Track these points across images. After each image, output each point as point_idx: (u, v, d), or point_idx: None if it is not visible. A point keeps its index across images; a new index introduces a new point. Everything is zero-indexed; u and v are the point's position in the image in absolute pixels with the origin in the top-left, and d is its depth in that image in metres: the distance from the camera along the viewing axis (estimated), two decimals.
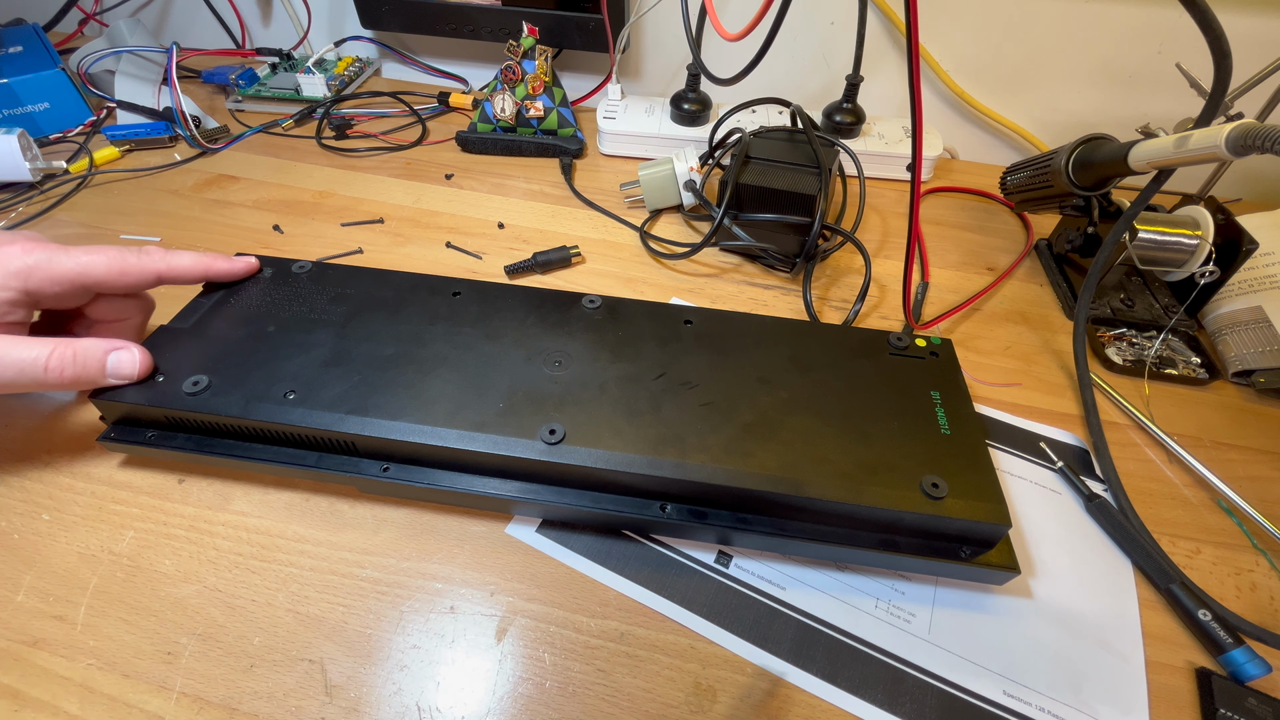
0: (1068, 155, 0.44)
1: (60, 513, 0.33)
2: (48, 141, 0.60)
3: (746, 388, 0.34)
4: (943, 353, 0.37)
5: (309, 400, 0.32)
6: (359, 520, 0.34)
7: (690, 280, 0.49)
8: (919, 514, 0.29)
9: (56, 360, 0.30)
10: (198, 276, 0.37)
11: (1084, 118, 0.62)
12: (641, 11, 0.63)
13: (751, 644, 0.30)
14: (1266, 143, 0.30)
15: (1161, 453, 0.39)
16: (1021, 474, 0.37)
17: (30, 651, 0.28)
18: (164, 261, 0.35)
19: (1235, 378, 0.43)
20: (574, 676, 0.28)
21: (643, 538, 0.33)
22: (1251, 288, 0.43)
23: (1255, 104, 0.47)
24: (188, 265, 0.36)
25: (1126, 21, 0.56)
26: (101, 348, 0.31)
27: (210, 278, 0.38)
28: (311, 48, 0.73)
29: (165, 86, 0.62)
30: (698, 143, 0.59)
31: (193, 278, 0.37)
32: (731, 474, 0.30)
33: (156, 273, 0.35)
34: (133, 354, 0.32)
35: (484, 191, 0.58)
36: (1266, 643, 0.30)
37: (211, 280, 0.38)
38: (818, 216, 0.45)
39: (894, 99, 0.65)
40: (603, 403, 0.33)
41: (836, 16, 0.61)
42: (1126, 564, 0.33)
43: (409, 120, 0.66)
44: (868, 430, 0.32)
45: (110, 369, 0.31)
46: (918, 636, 0.30)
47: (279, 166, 0.59)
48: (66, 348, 0.30)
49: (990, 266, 0.52)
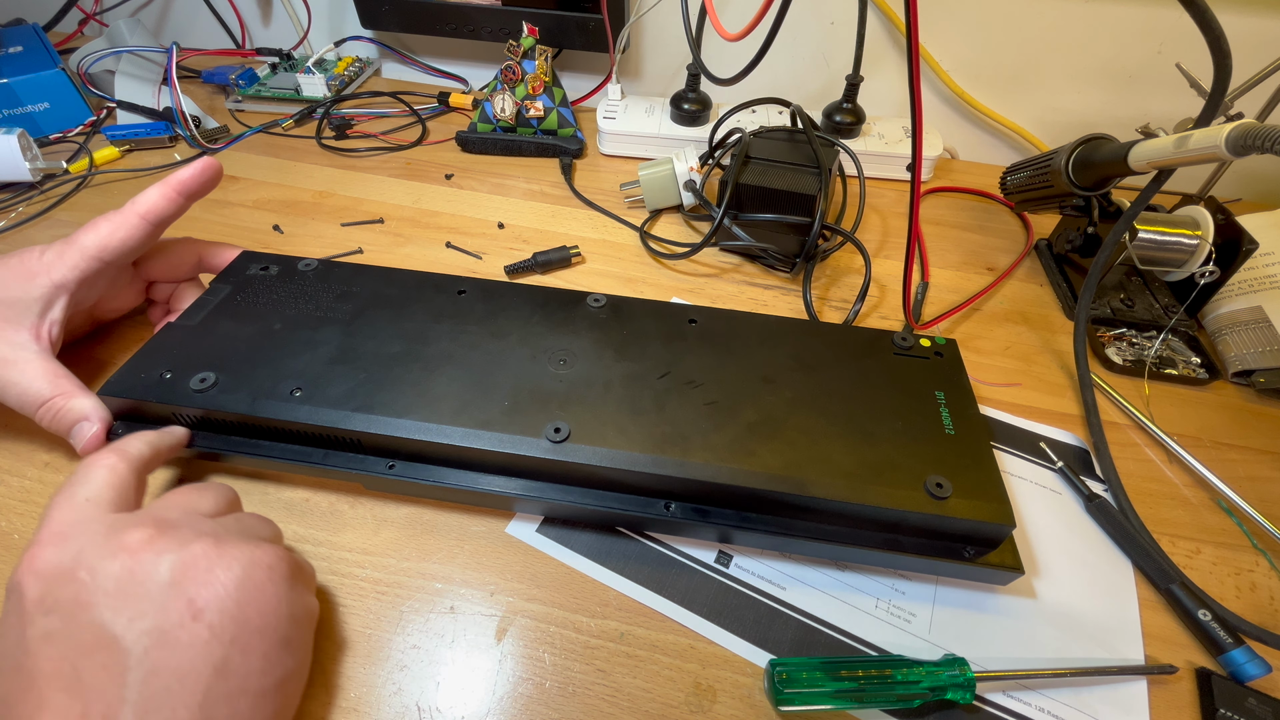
0: (1068, 155, 0.44)
1: None
2: (48, 141, 0.60)
3: (751, 387, 0.34)
4: (947, 353, 0.37)
5: (315, 397, 0.32)
6: (359, 520, 0.33)
7: (690, 280, 0.49)
8: (923, 514, 0.29)
9: (46, 411, 0.32)
10: (173, 201, 0.37)
11: (1084, 118, 0.62)
12: (641, 11, 0.63)
13: (751, 644, 0.30)
14: (1266, 143, 0.30)
15: (1161, 453, 0.39)
16: (1022, 474, 0.37)
17: None
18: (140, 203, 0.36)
19: (1235, 378, 0.43)
20: (574, 676, 0.28)
21: (643, 537, 0.33)
22: (1251, 288, 0.43)
23: (1255, 104, 0.47)
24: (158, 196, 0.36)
25: (1126, 21, 0.56)
26: (72, 419, 0.32)
27: (185, 194, 0.37)
28: (311, 48, 0.73)
29: (165, 86, 0.62)
30: (698, 143, 0.59)
31: (170, 203, 0.37)
32: (736, 473, 0.30)
33: (139, 216, 0.36)
34: (94, 432, 0.32)
35: (484, 191, 0.58)
36: (1266, 643, 0.30)
37: (187, 196, 0.37)
38: (818, 216, 0.45)
39: (894, 99, 0.65)
40: (607, 401, 0.33)
41: (836, 16, 0.61)
42: (1126, 564, 0.33)
43: (409, 120, 0.66)
44: (872, 430, 0.32)
45: (73, 437, 0.33)
46: (918, 636, 0.30)
47: (279, 166, 0.59)
48: (60, 402, 0.32)
49: (990, 266, 0.52)
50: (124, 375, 0.33)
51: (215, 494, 0.28)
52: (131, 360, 0.34)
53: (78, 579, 0.21)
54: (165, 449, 0.31)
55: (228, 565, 0.23)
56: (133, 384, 0.33)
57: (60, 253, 0.34)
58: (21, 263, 0.34)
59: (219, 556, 0.23)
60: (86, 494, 0.25)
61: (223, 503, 0.28)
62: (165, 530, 0.23)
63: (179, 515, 0.25)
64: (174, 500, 0.26)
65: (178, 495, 0.27)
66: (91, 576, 0.21)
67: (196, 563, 0.22)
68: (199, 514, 0.26)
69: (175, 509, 0.25)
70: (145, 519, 0.24)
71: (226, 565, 0.23)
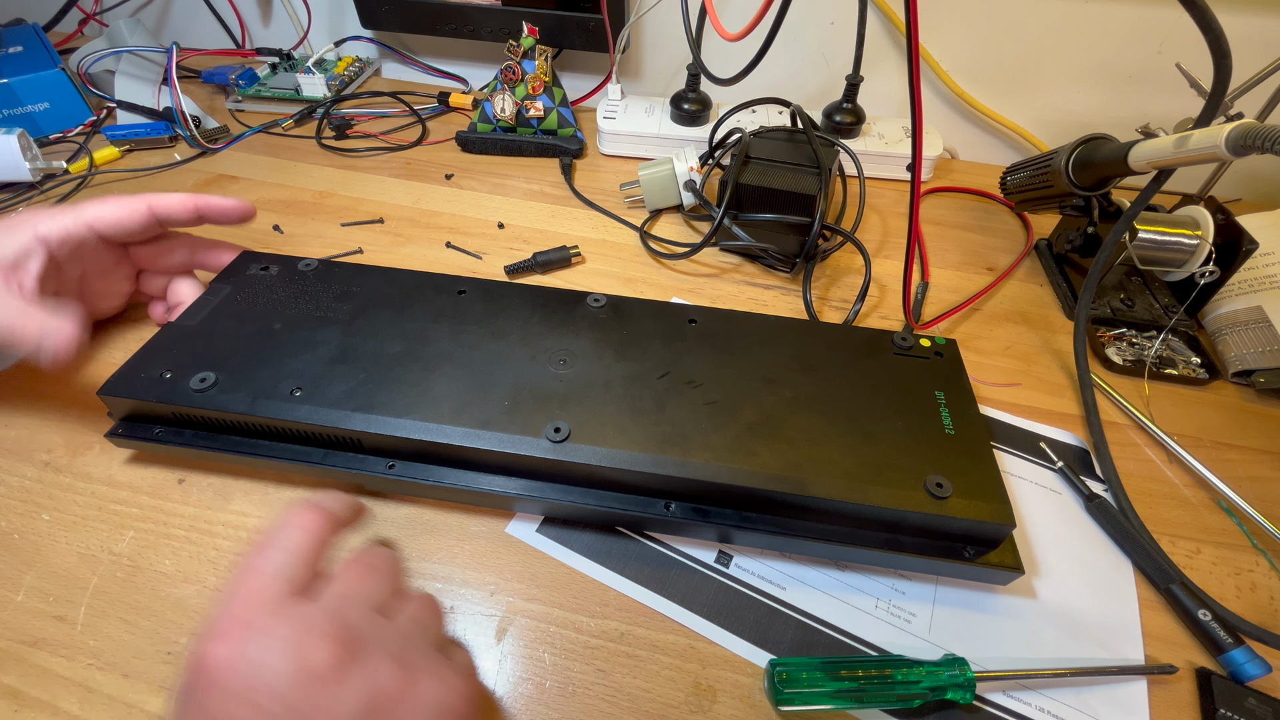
0: (1068, 155, 0.44)
1: (60, 513, 0.33)
2: (48, 141, 0.60)
3: (751, 387, 0.34)
4: (947, 353, 0.37)
5: (315, 397, 0.32)
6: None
7: (690, 280, 0.49)
8: (923, 514, 0.29)
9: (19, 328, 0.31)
10: (189, 211, 0.38)
11: (1084, 118, 0.62)
12: (641, 11, 0.63)
13: (751, 644, 0.30)
14: (1266, 143, 0.30)
15: (1161, 453, 0.39)
16: (1022, 474, 0.37)
17: (30, 651, 0.28)
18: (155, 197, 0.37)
19: (1235, 378, 0.43)
20: (574, 676, 0.28)
21: (643, 537, 0.33)
22: (1251, 288, 0.43)
23: (1255, 104, 0.47)
24: (176, 201, 0.38)
25: (1126, 21, 0.56)
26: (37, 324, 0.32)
27: (203, 213, 0.39)
28: (311, 48, 0.73)
29: (165, 86, 0.62)
30: (698, 143, 0.59)
31: (185, 212, 0.38)
32: (736, 473, 0.30)
33: (149, 205, 0.37)
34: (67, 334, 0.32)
35: (484, 191, 0.58)
36: (1266, 643, 0.30)
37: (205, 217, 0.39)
38: (818, 216, 0.45)
39: (894, 99, 0.65)
40: (607, 401, 0.33)
41: (836, 16, 0.61)
42: (1126, 564, 0.33)
43: (409, 120, 0.66)
44: (872, 430, 0.32)
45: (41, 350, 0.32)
46: (918, 636, 0.30)
47: (279, 166, 0.59)
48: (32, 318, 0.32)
49: (990, 266, 0.52)
50: (124, 375, 0.33)
51: (388, 572, 0.26)
52: (131, 360, 0.34)
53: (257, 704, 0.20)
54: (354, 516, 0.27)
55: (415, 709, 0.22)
56: (133, 384, 0.33)
57: (55, 213, 0.36)
58: (18, 216, 0.35)
59: (407, 695, 0.22)
60: (276, 567, 0.23)
61: (395, 578, 0.26)
62: (354, 652, 0.21)
63: (362, 620, 0.23)
64: (354, 589, 0.24)
65: (356, 580, 0.24)
66: (271, 701, 0.20)
67: (384, 701, 0.21)
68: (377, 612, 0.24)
69: (357, 608, 0.23)
70: (331, 629, 0.21)
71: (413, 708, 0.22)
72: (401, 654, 0.22)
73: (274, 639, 0.21)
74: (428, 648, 0.24)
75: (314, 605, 0.22)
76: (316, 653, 0.20)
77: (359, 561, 0.25)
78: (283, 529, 0.24)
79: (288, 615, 0.21)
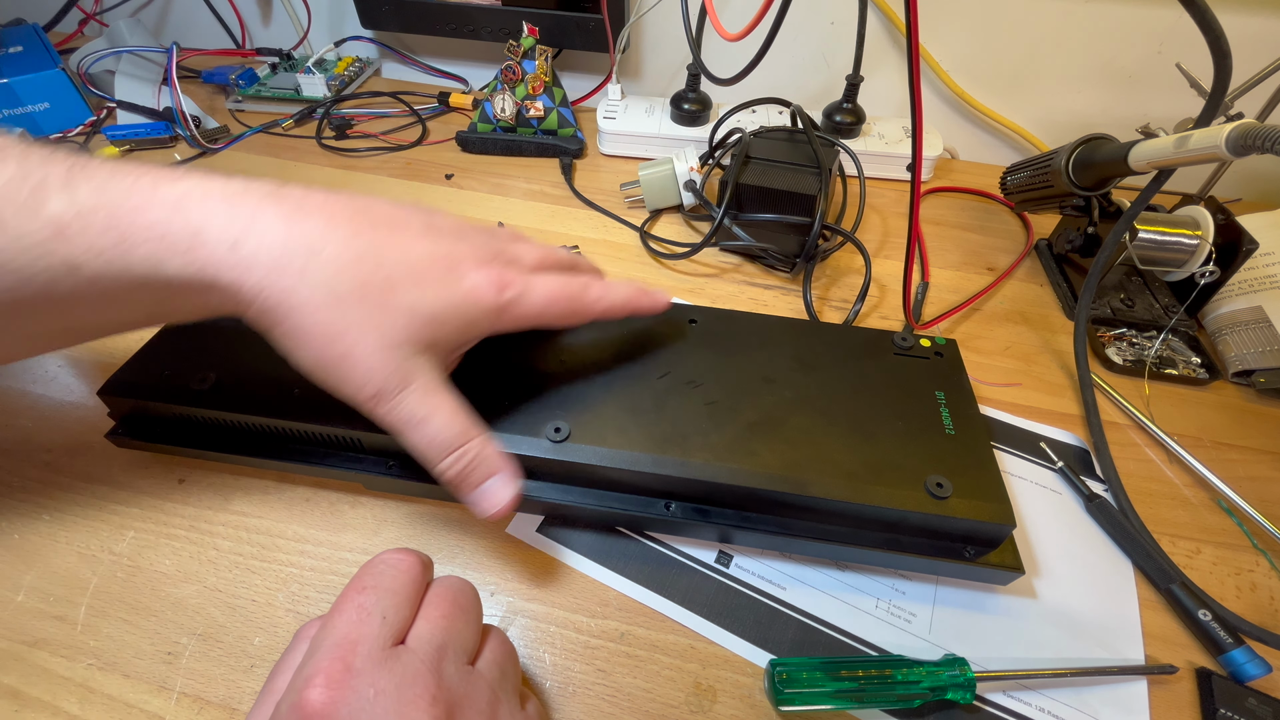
0: (1068, 155, 0.44)
1: (60, 513, 0.33)
2: (48, 141, 0.60)
3: (751, 387, 0.34)
4: (947, 353, 0.37)
5: (315, 397, 0.32)
6: (359, 520, 0.33)
7: (690, 280, 0.49)
8: (923, 514, 0.29)
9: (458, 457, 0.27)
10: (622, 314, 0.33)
11: (1084, 118, 0.62)
12: (641, 11, 0.63)
13: (751, 644, 0.30)
14: (1266, 143, 0.30)
15: (1161, 453, 0.39)
16: (1022, 474, 0.37)
17: (30, 651, 0.28)
18: (603, 301, 0.32)
19: (1235, 378, 0.43)
20: (574, 676, 0.28)
21: (643, 537, 0.33)
22: (1251, 288, 0.43)
23: (1255, 104, 0.47)
24: (620, 302, 0.32)
25: (1126, 21, 0.56)
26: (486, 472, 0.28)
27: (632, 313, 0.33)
28: (311, 48, 0.73)
29: (165, 86, 0.62)
30: (698, 143, 0.59)
31: (618, 316, 0.33)
32: (736, 473, 0.30)
33: (593, 316, 0.32)
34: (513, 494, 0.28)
35: (484, 191, 0.58)
36: (1266, 643, 0.30)
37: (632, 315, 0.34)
38: (818, 216, 0.45)
39: (894, 99, 0.65)
40: (608, 401, 0.33)
41: (836, 16, 0.62)
42: (1126, 564, 0.33)
43: (409, 120, 0.66)
44: (872, 430, 0.32)
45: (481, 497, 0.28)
46: (918, 636, 0.30)
47: (279, 166, 0.59)
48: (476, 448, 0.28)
49: (990, 266, 0.52)
50: (124, 375, 0.33)
51: (475, 613, 0.25)
52: (131, 360, 0.34)
53: None
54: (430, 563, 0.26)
55: None
56: (133, 384, 0.33)
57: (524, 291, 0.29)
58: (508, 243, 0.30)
59: None
60: (379, 607, 0.22)
61: (480, 618, 0.25)
62: (450, 714, 0.21)
63: (457, 675, 0.22)
64: (447, 635, 0.23)
65: (448, 624, 0.23)
66: None
67: None
68: (466, 660, 0.23)
69: (451, 658, 0.22)
70: (431, 686, 0.21)
71: None
72: (492, 712, 0.22)
73: (376, 692, 0.20)
74: (512, 702, 0.23)
75: (414, 655, 0.21)
76: (415, 713, 0.20)
77: (446, 600, 0.24)
78: (381, 568, 0.23)
79: (390, 666, 0.21)
